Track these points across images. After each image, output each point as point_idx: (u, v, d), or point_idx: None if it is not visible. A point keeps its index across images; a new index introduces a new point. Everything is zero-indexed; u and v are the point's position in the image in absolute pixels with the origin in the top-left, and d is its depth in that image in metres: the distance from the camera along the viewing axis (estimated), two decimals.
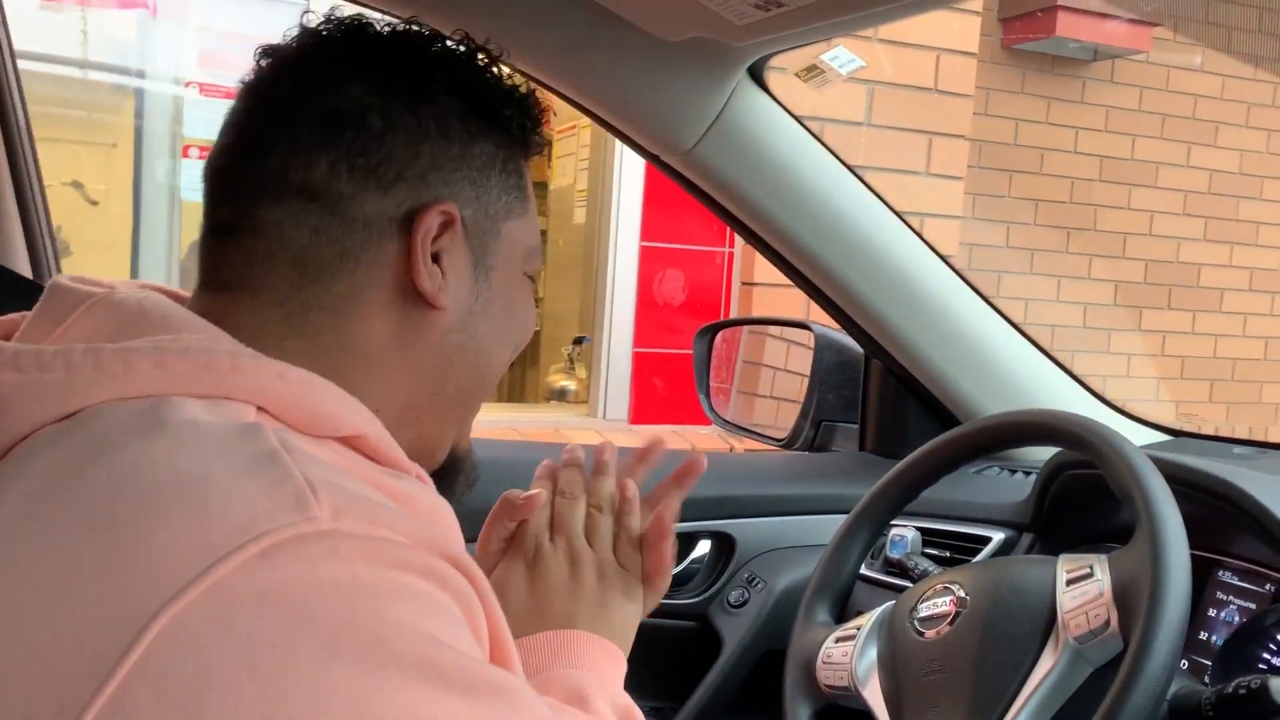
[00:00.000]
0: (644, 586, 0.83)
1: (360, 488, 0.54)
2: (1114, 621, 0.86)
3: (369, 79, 0.65)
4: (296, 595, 0.47)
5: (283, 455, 0.52)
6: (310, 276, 0.64)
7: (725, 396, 1.92)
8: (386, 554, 0.50)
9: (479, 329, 0.70)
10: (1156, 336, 4.46)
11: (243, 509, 0.48)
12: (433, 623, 0.50)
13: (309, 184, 0.63)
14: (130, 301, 0.60)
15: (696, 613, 1.41)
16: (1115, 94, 4.27)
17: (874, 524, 1.14)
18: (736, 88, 1.21)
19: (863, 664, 1.02)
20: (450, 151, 0.67)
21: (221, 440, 0.53)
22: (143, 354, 0.56)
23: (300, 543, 0.48)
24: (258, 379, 0.58)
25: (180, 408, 0.55)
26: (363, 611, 0.48)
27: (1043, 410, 1.06)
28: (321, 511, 0.49)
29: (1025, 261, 4.18)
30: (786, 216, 1.30)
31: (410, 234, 0.65)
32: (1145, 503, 0.88)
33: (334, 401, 0.60)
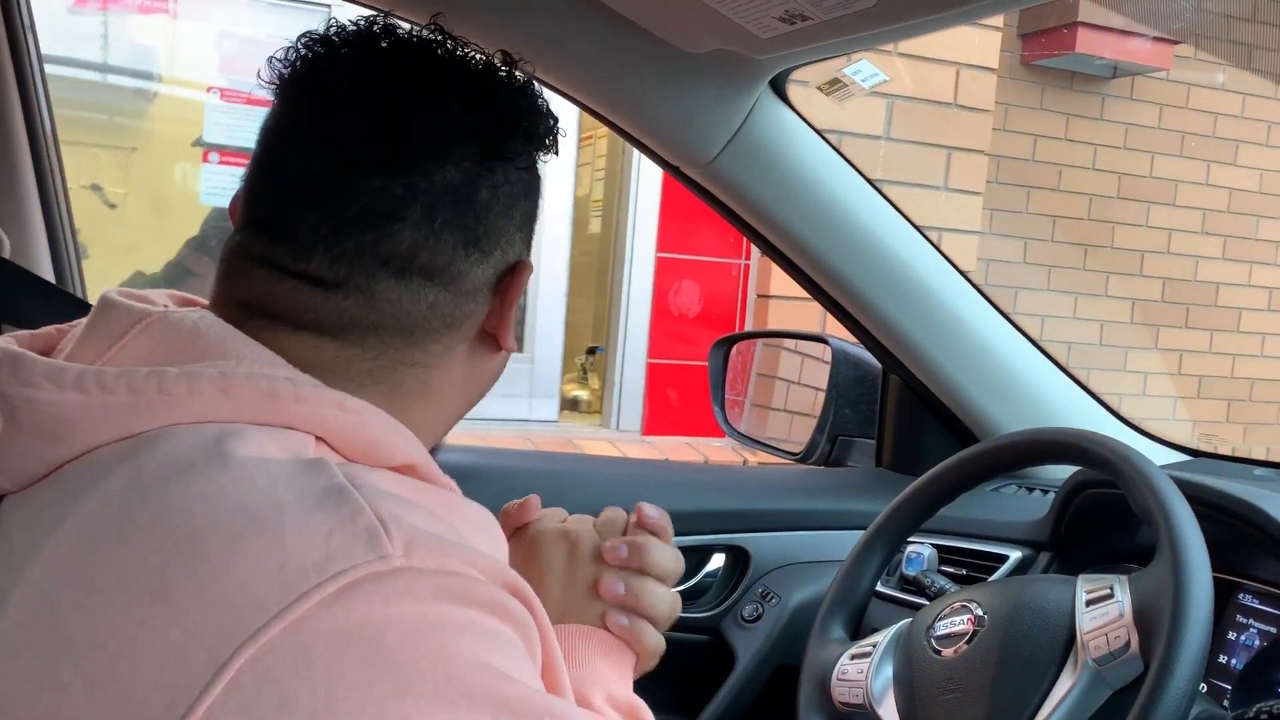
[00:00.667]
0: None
1: (428, 520, 0.55)
2: (1134, 643, 0.85)
3: (474, 142, 0.65)
4: (373, 634, 0.48)
5: (352, 491, 0.53)
6: (412, 341, 0.65)
7: (740, 409, 1.92)
8: (455, 589, 0.51)
9: (504, 358, 0.74)
10: (1174, 355, 4.43)
11: (318, 545, 0.49)
12: (498, 656, 0.51)
13: (434, 265, 0.64)
14: (187, 323, 0.60)
15: (709, 627, 1.40)
16: (1135, 111, 4.25)
17: (890, 540, 1.13)
18: (758, 100, 1.21)
19: (878, 681, 1.01)
20: (529, 205, 0.69)
21: (290, 474, 0.53)
22: (207, 379, 0.56)
23: (375, 581, 0.49)
24: (319, 409, 0.58)
25: (246, 438, 0.55)
26: (435, 648, 0.49)
27: (1063, 429, 1.05)
28: (394, 549, 0.50)
29: (1042, 278, 4.17)
30: (806, 230, 1.30)
31: (503, 297, 0.68)
32: (1167, 523, 0.87)
33: (388, 432, 0.61)
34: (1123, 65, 4.09)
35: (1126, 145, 4.25)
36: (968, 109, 2.87)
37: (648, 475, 1.50)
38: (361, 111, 0.63)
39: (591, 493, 1.39)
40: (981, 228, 3.00)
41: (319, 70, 0.65)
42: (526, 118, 0.68)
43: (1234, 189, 4.42)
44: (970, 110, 2.88)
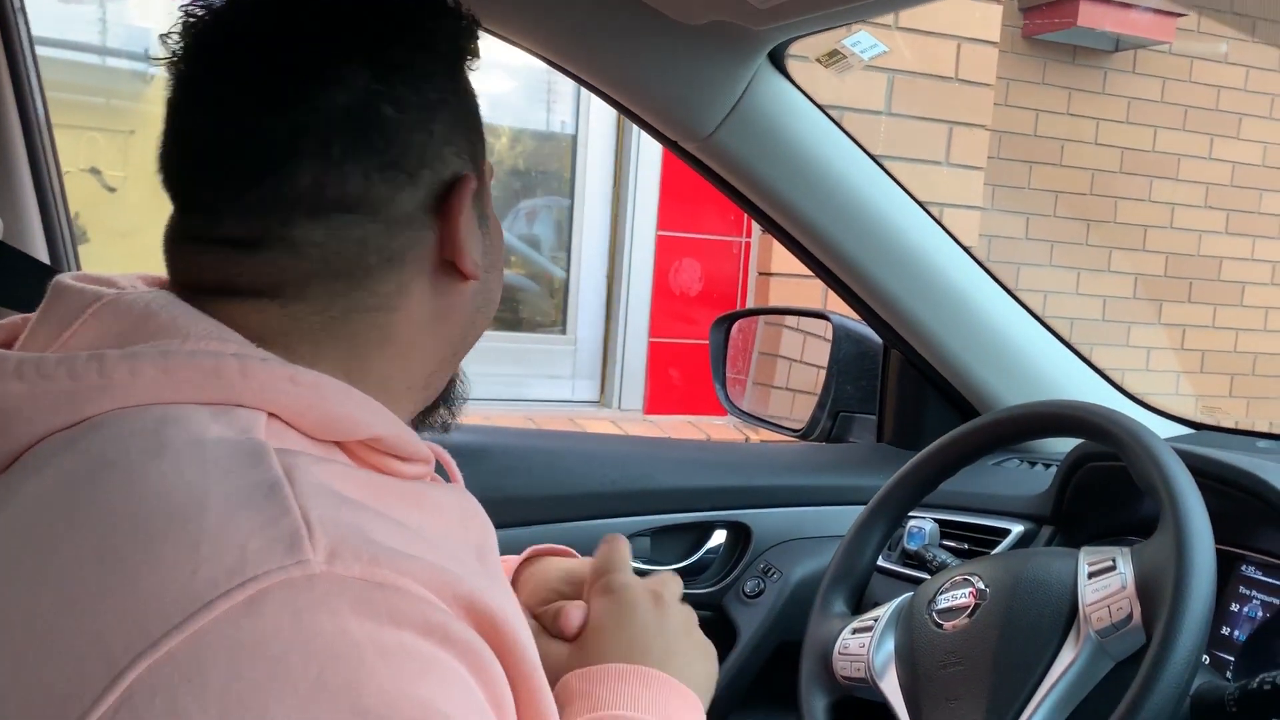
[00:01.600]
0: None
1: (370, 521, 0.51)
2: (1137, 615, 0.85)
3: (367, 59, 0.60)
4: (277, 651, 0.44)
5: (283, 487, 0.50)
6: (356, 283, 0.61)
7: (741, 387, 1.92)
8: (381, 604, 0.47)
9: (491, 280, 0.69)
10: (1177, 330, 4.42)
11: (234, 549, 0.46)
12: (424, 686, 0.47)
13: (346, 197, 0.60)
14: (139, 303, 0.58)
15: (712, 603, 1.41)
16: (1137, 85, 4.23)
17: (892, 515, 1.13)
18: (757, 73, 1.20)
19: (880, 655, 1.01)
20: (454, 116, 0.64)
21: (224, 465, 0.50)
22: (149, 360, 0.54)
23: (288, 589, 0.45)
24: (268, 384, 0.55)
25: (186, 423, 0.52)
26: (345, 672, 0.45)
27: (1065, 402, 1.05)
28: (315, 554, 0.47)
29: (1045, 253, 4.15)
30: (806, 204, 1.29)
31: (446, 218, 0.63)
32: (1170, 495, 0.87)
33: (347, 405, 0.58)
34: (1125, 38, 4.06)
35: (1129, 119, 4.23)
36: (969, 83, 2.85)
37: (649, 453, 1.50)
38: (233, 57, 0.60)
39: (592, 470, 1.39)
40: (983, 203, 2.98)
41: (198, 33, 0.62)
42: (420, 22, 0.63)
43: (1237, 163, 4.40)
44: (972, 85, 2.85)
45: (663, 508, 1.38)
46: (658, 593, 0.76)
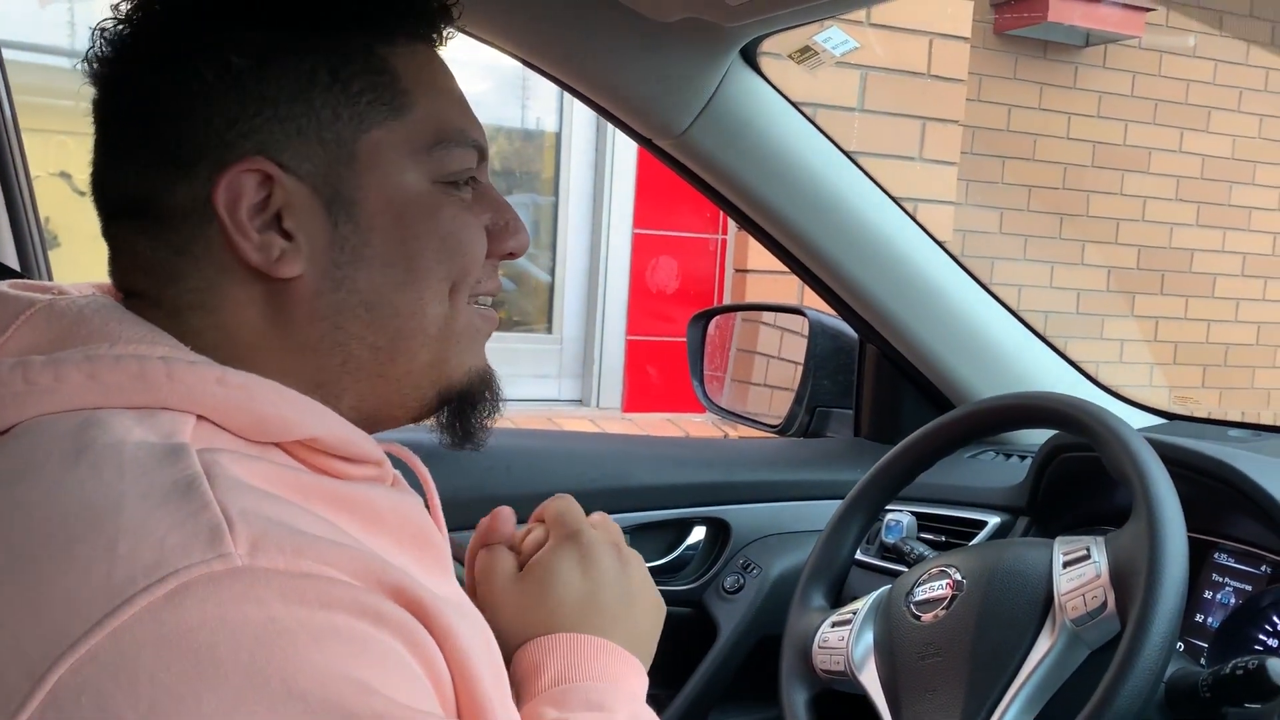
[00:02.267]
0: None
1: (294, 515, 0.51)
2: (1111, 603, 0.86)
3: (141, 50, 0.60)
4: (204, 641, 0.44)
5: (201, 483, 0.49)
6: (165, 279, 0.60)
7: (719, 384, 1.92)
8: (309, 592, 0.47)
9: (359, 280, 0.61)
10: (1149, 322, 4.46)
11: (152, 546, 0.46)
12: (359, 666, 0.46)
13: (129, 194, 0.61)
14: (71, 309, 0.58)
15: (691, 599, 1.41)
16: (1108, 79, 4.26)
17: (869, 509, 1.14)
18: (729, 70, 1.20)
19: (859, 648, 1.01)
20: (248, 95, 0.59)
21: (142, 465, 0.50)
22: (74, 365, 0.54)
23: (210, 583, 0.45)
24: (195, 386, 0.55)
25: (108, 426, 0.52)
26: (277, 658, 0.44)
27: (1038, 393, 1.06)
28: (237, 547, 0.46)
29: (1019, 248, 4.18)
30: (781, 200, 1.29)
31: (227, 207, 0.59)
32: (1143, 484, 0.87)
33: (279, 405, 0.57)
34: (1095, 33, 4.09)
35: (1100, 114, 4.26)
36: (941, 79, 2.86)
37: (627, 450, 1.50)
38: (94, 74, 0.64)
39: (572, 469, 1.39)
40: (957, 198, 3.00)
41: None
42: (160, 13, 0.61)
43: (1206, 155, 4.44)
44: (944, 80, 2.87)
45: (642, 505, 1.38)
46: (618, 543, 0.77)
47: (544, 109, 2.99)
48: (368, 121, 0.61)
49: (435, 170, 0.63)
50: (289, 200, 0.60)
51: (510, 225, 0.69)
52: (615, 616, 0.72)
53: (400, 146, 0.62)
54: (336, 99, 0.60)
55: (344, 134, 0.61)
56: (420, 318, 0.64)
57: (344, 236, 0.61)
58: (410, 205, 0.63)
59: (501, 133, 2.99)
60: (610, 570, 0.74)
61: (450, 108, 0.65)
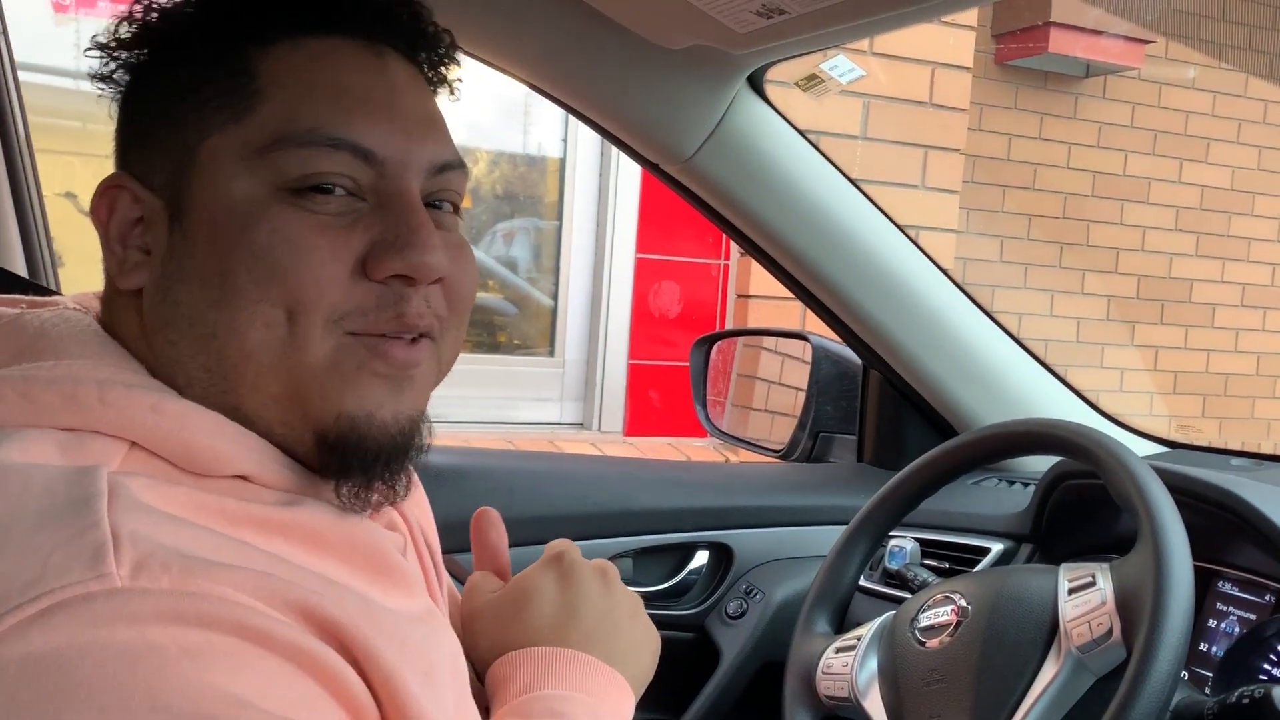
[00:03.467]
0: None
1: (196, 540, 0.50)
2: (1117, 630, 0.86)
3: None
4: (69, 660, 0.43)
5: (98, 501, 0.48)
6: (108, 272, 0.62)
7: (721, 409, 1.92)
8: (188, 611, 0.46)
9: (180, 293, 0.58)
10: (1149, 351, 4.47)
11: (34, 563, 0.45)
12: (236, 681, 0.46)
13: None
14: (33, 324, 0.58)
15: (694, 624, 1.40)
16: (1108, 110, 4.29)
17: (873, 535, 1.13)
18: (736, 97, 1.21)
19: (863, 674, 1.01)
20: (128, 111, 0.62)
21: (49, 483, 0.49)
22: (10, 384, 0.54)
23: (84, 603, 0.45)
24: (126, 413, 0.54)
25: (25, 444, 0.51)
26: (143, 675, 0.43)
27: (1043, 420, 1.06)
28: (119, 568, 0.46)
29: (1019, 276, 4.19)
30: (785, 226, 1.30)
31: (105, 224, 0.61)
32: (1148, 511, 0.87)
33: (210, 437, 0.55)
34: (1095, 64, 4.12)
35: (1100, 144, 4.29)
36: (943, 108, 2.88)
37: (629, 473, 1.50)
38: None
39: (574, 491, 1.39)
40: (958, 226, 3.01)
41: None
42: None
43: (1206, 186, 4.46)
44: (946, 109, 2.89)
45: (645, 529, 1.38)
46: (604, 570, 0.75)
47: (548, 133, 3.01)
48: (209, 127, 0.58)
49: (273, 175, 0.57)
50: (149, 214, 0.59)
51: (400, 239, 0.58)
52: (593, 633, 0.70)
53: (235, 150, 0.57)
54: (187, 109, 0.58)
55: (188, 141, 0.58)
56: (241, 341, 0.57)
57: (175, 248, 0.58)
58: (230, 215, 0.57)
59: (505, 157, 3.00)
60: (590, 588, 0.73)
61: (313, 105, 0.58)
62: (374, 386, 0.59)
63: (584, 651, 0.69)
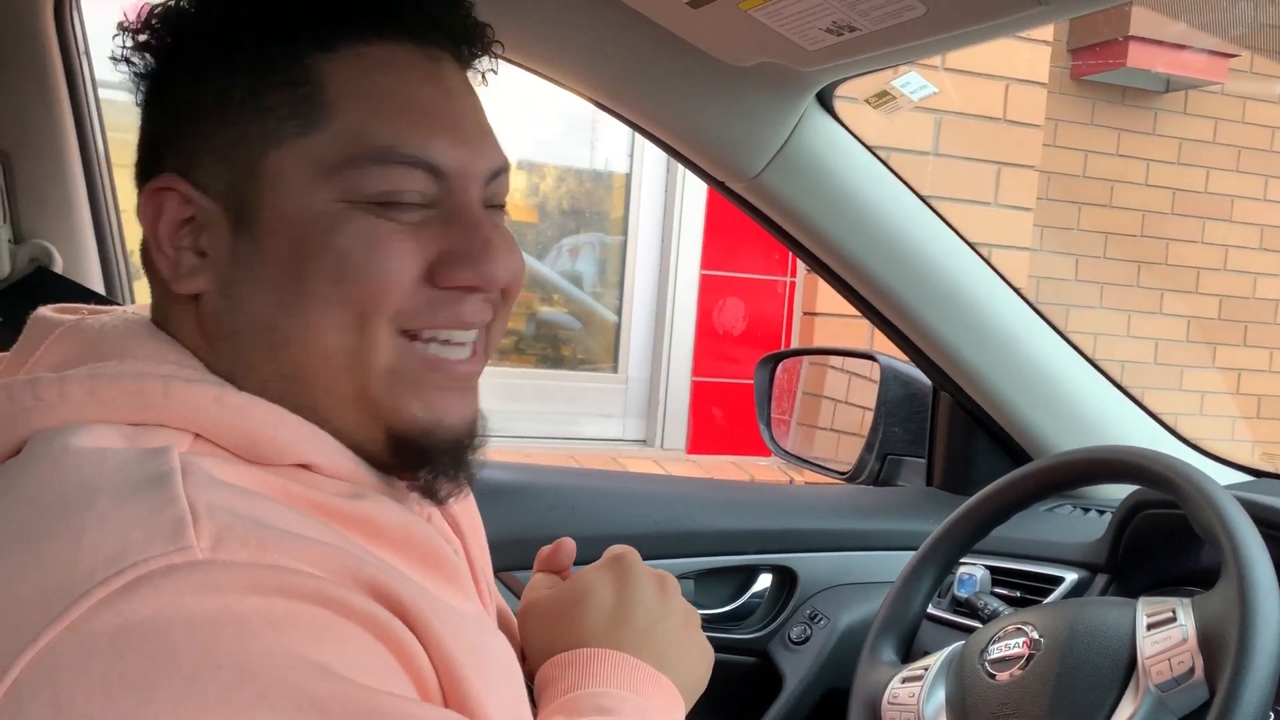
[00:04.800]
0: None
1: (270, 512, 0.51)
2: (1199, 669, 0.82)
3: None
4: (158, 630, 0.44)
5: (174, 477, 0.50)
6: (156, 276, 0.63)
7: (786, 428, 1.90)
8: (269, 582, 0.47)
9: (253, 300, 0.59)
10: (1232, 374, 4.34)
11: (116, 538, 0.47)
12: (319, 650, 0.47)
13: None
14: (94, 328, 0.60)
15: (756, 648, 1.38)
16: (1189, 126, 4.18)
17: (942, 561, 1.11)
18: (805, 114, 1.20)
19: (930, 705, 0.98)
20: (178, 115, 0.61)
21: (120, 464, 0.51)
22: (78, 381, 0.55)
23: (169, 574, 0.46)
24: (190, 405, 0.55)
25: (95, 433, 0.53)
26: (230, 644, 0.45)
27: (1121, 447, 1.02)
28: (199, 540, 0.47)
29: (1095, 295, 4.10)
30: (854, 244, 1.28)
31: (152, 225, 0.61)
32: (1232, 544, 0.84)
33: (275, 427, 0.57)
34: (1176, 79, 4.03)
35: (1180, 160, 4.18)
36: (1017, 124, 2.83)
37: (692, 493, 1.49)
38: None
39: (636, 510, 1.38)
40: (1032, 244, 2.96)
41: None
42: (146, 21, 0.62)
43: None
44: (1020, 125, 2.84)
45: (707, 550, 1.37)
46: (663, 579, 0.75)
47: (614, 149, 3.02)
48: (275, 137, 0.59)
49: (350, 189, 0.58)
50: (204, 218, 0.60)
51: (472, 252, 0.60)
52: (645, 637, 0.70)
53: (307, 165, 0.58)
54: (248, 115, 0.59)
55: (252, 151, 0.59)
56: (316, 346, 0.59)
57: (242, 255, 0.59)
58: (307, 224, 0.58)
59: (571, 172, 3.02)
60: (646, 593, 0.73)
61: (386, 121, 0.59)
62: (440, 395, 0.62)
63: (635, 654, 0.69)
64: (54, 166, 1.37)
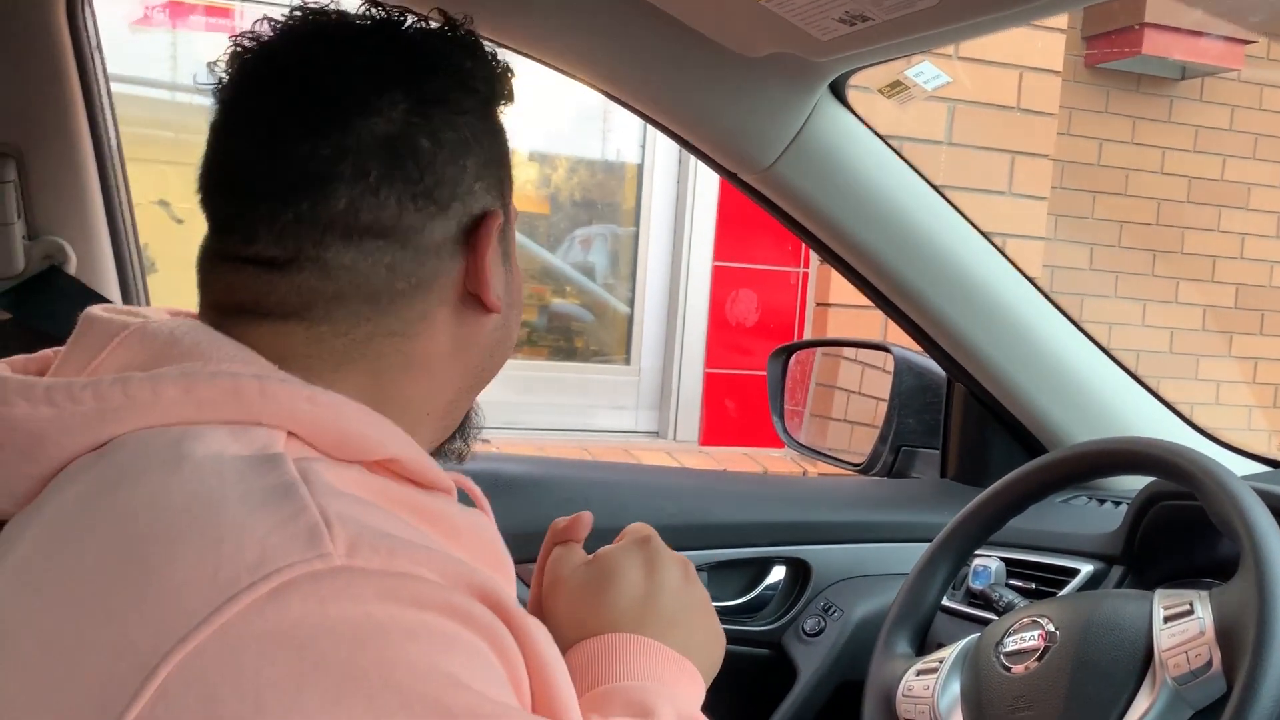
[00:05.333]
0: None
1: (385, 520, 0.53)
2: (1217, 662, 0.82)
3: (406, 92, 0.63)
4: (306, 636, 0.46)
5: (300, 487, 0.51)
6: (382, 308, 0.63)
7: (799, 419, 1.89)
8: (402, 591, 0.49)
9: (511, 317, 0.71)
10: (1248, 363, 4.30)
11: (254, 545, 0.48)
12: (451, 661, 0.48)
13: (380, 223, 0.62)
14: (163, 331, 0.60)
15: (770, 640, 1.38)
16: (1205, 113, 4.15)
17: (957, 553, 1.10)
18: (817, 104, 1.19)
19: (945, 698, 0.98)
20: (485, 154, 0.66)
21: (240, 472, 0.52)
22: (170, 381, 0.56)
23: (311, 581, 0.47)
24: (287, 404, 0.57)
25: (205, 438, 0.54)
26: (373, 652, 0.46)
27: (1138, 438, 1.02)
28: (335, 547, 0.48)
29: (1109, 284, 4.07)
30: (868, 235, 1.28)
31: (473, 250, 0.65)
32: (1251, 537, 0.83)
33: (364, 424, 0.59)
34: (1191, 66, 3.99)
35: (1196, 148, 4.15)
36: (1031, 113, 2.82)
37: (706, 486, 1.49)
38: (278, 84, 0.63)
39: (650, 502, 1.38)
40: (1046, 233, 2.94)
41: (247, 63, 0.65)
42: (457, 61, 0.66)
43: None
44: (1034, 114, 2.82)
45: (721, 542, 1.36)
46: (685, 563, 0.77)
47: (626, 140, 3.01)
48: (479, 203, 0.68)
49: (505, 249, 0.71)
50: (494, 245, 0.67)
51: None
52: (672, 623, 0.72)
53: (515, 211, 0.72)
54: (509, 166, 0.70)
55: (509, 195, 0.70)
56: (512, 345, 0.73)
57: (509, 280, 0.70)
58: (516, 261, 0.73)
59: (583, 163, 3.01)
60: (673, 578, 0.74)
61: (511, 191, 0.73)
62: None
63: (660, 639, 0.70)
64: (67, 163, 1.37)
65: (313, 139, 0.61)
